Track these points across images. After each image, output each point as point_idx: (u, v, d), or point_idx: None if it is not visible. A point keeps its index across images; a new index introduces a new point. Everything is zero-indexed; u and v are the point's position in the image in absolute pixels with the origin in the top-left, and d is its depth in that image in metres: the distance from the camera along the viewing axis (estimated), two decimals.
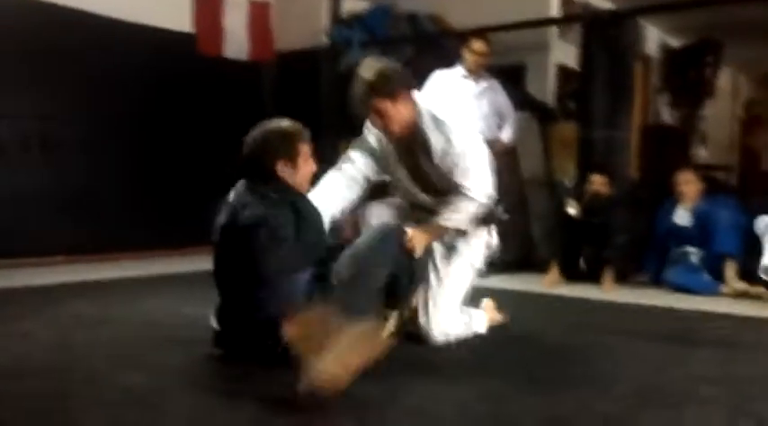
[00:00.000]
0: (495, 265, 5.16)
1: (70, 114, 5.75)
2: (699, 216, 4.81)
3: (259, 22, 7.14)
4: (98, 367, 2.60)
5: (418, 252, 2.78)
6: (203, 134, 6.63)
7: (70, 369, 2.55)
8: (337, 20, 6.83)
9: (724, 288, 4.59)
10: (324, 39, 6.79)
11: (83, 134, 5.82)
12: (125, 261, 5.64)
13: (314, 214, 2.59)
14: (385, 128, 2.81)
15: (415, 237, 2.75)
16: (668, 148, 7.01)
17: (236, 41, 6.93)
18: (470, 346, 3.02)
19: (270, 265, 2.41)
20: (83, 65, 5.77)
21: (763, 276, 4.34)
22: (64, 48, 5.64)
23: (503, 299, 3.78)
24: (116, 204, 5.98)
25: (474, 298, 3.27)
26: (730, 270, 4.61)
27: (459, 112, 3.06)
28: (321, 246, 2.58)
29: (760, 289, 4.42)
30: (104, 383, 2.40)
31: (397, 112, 2.74)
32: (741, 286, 4.55)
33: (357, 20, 6.70)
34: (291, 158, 2.57)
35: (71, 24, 5.67)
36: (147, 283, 4.76)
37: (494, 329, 3.25)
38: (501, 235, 3.21)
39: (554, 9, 6.43)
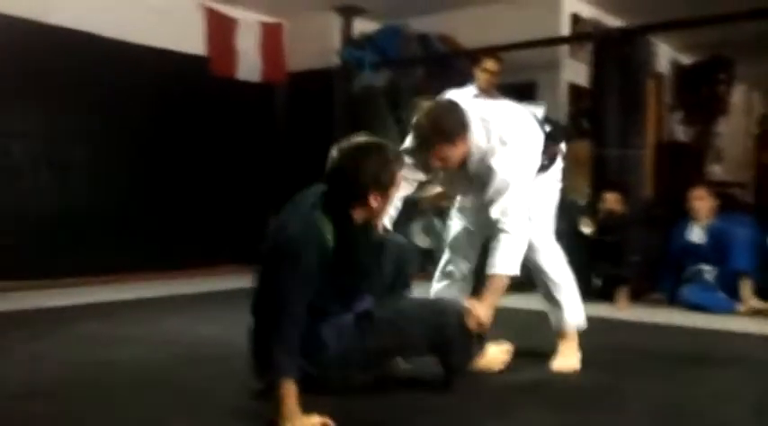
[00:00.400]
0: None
1: (82, 136, 5.80)
2: (713, 233, 4.77)
3: (271, 43, 7.20)
4: (113, 387, 2.61)
5: (485, 325, 2.68)
6: (216, 155, 6.68)
7: (84, 390, 2.56)
8: (349, 41, 6.88)
9: (740, 307, 4.55)
10: (336, 60, 6.83)
11: (93, 155, 5.88)
12: (136, 282, 5.65)
13: (367, 263, 2.45)
14: (443, 167, 2.82)
15: (478, 310, 2.64)
16: (682, 166, 6.98)
17: (248, 63, 6.99)
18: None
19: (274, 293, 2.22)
20: (95, 87, 5.84)
21: None
22: (75, 71, 5.71)
23: (517, 319, 3.76)
24: (128, 224, 6.02)
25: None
26: (746, 288, 4.56)
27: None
28: (359, 289, 2.47)
29: None
30: (119, 403, 2.40)
31: (456, 153, 2.75)
32: (757, 304, 4.51)
33: (368, 41, 6.75)
34: (385, 190, 2.31)
35: (84, 47, 5.74)
36: (159, 304, 4.77)
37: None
38: None
39: (565, 28, 6.45)
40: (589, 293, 4.96)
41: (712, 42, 7.62)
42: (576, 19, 6.56)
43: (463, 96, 5.19)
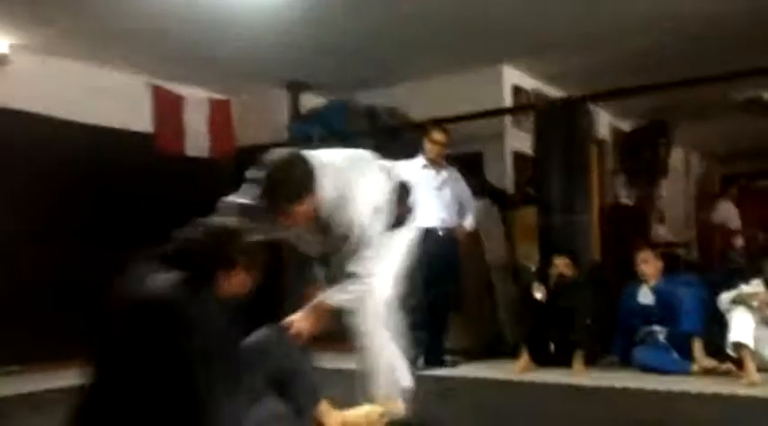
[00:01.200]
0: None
1: (21, 216, 5.65)
2: (661, 294, 4.85)
3: (220, 119, 7.23)
4: None
5: (304, 336, 2.63)
6: (163, 234, 6.55)
7: None
8: (297, 115, 6.95)
9: (693, 366, 4.60)
10: (284, 135, 6.87)
11: (33, 237, 5.72)
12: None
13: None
14: (292, 225, 2.74)
15: (299, 324, 2.63)
16: (627, 228, 7.14)
17: (196, 139, 6.98)
18: None
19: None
20: (38, 166, 5.76)
21: (730, 352, 4.37)
22: (16, 150, 5.64)
23: (474, 389, 3.74)
24: (64, 307, 5.74)
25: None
26: (697, 348, 4.62)
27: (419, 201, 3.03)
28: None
29: (728, 365, 4.44)
30: None
31: (305, 211, 2.67)
32: (710, 363, 4.56)
33: (316, 115, 6.82)
34: (232, 267, 2.28)
35: (24, 127, 5.69)
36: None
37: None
38: (467, 321, 3.18)
39: (507, 99, 6.63)
40: (546, 358, 4.99)
41: (649, 108, 7.93)
42: (516, 90, 6.76)
43: (413, 167, 5.29)
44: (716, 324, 4.60)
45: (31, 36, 5.57)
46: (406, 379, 2.98)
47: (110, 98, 6.23)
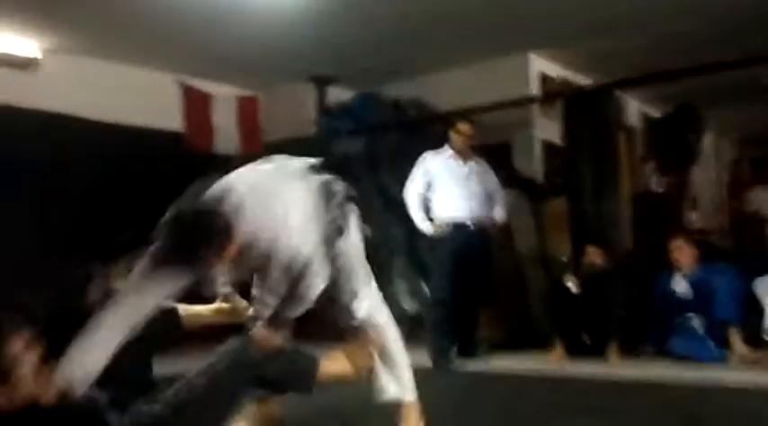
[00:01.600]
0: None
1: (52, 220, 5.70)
2: (697, 283, 4.79)
3: (248, 115, 7.27)
4: None
5: (275, 343, 2.54)
6: None
7: None
8: (324, 109, 6.95)
9: (730, 355, 4.54)
10: (312, 129, 6.88)
11: (62, 236, 5.71)
12: None
13: None
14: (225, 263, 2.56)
15: (261, 333, 2.55)
16: (659, 216, 7.05)
17: (226, 136, 7.03)
18: None
19: None
20: (70, 168, 5.83)
21: (766, 338, 4.31)
22: (46, 153, 5.67)
23: (507, 380, 3.71)
24: None
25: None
26: (734, 337, 4.56)
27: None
28: None
29: (765, 353, 4.38)
30: None
31: (232, 250, 2.45)
32: (747, 352, 4.50)
33: (344, 109, 6.82)
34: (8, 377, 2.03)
35: (57, 128, 5.74)
36: None
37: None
38: (499, 313, 3.16)
39: (534, 87, 6.57)
40: (580, 349, 4.95)
41: (678, 93, 7.80)
42: (544, 78, 6.70)
43: (440, 158, 5.27)
44: (752, 312, 4.54)
45: (60, 39, 5.65)
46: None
47: (139, 97, 6.29)
